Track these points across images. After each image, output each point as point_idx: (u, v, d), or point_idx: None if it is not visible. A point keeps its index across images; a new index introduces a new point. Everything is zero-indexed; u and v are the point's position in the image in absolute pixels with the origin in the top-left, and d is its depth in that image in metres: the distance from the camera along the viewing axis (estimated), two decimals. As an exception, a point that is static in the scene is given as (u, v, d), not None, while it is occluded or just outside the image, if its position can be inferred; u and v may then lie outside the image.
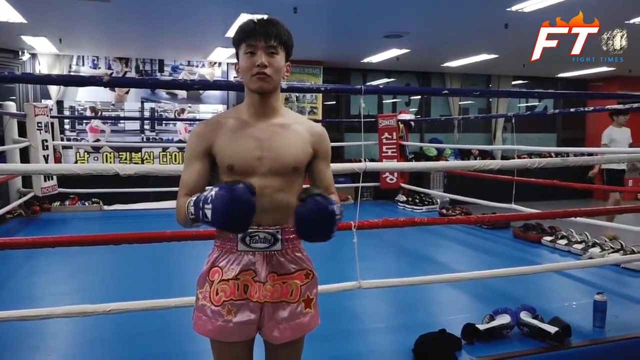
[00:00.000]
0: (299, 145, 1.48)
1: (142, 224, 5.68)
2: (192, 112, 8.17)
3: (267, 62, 1.41)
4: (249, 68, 1.42)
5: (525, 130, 9.93)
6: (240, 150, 1.44)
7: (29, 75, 6.63)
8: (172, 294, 2.45)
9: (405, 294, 3.28)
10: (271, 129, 1.47)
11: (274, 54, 1.42)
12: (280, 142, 1.46)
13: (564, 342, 2.59)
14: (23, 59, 7.23)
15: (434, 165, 5.76)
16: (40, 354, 2.54)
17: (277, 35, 1.42)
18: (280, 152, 1.45)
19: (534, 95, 9.88)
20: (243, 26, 1.44)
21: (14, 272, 3.97)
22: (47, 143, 6.01)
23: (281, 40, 1.43)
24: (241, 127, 1.47)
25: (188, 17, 5.52)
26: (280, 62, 1.44)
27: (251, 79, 1.42)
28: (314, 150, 1.52)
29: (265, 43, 1.40)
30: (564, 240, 4.79)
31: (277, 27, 1.43)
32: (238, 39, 1.45)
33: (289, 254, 1.48)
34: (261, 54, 1.40)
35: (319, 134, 1.54)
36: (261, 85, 1.42)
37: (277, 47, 1.42)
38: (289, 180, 1.47)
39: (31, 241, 2.36)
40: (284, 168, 1.45)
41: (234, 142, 1.45)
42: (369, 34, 6.41)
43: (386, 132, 7.50)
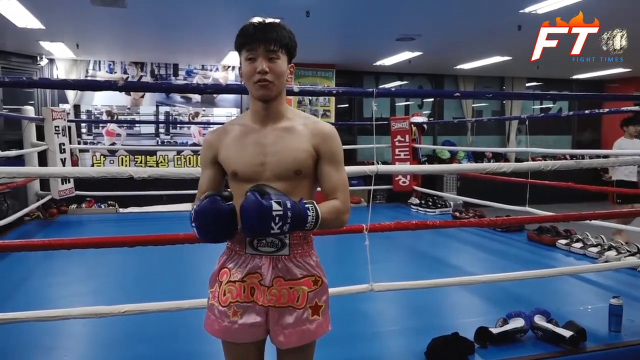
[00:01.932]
0: (299, 147, 1.45)
1: (156, 226, 5.74)
2: (206, 116, 8.25)
3: (268, 67, 1.39)
4: (250, 74, 1.41)
5: (540, 132, 9.84)
6: (244, 157, 1.45)
7: (46, 80, 6.75)
8: (185, 295, 2.47)
9: (418, 297, 3.27)
10: (275, 134, 1.46)
11: (274, 59, 1.40)
12: (282, 146, 1.44)
13: (579, 346, 2.57)
14: (41, 64, 7.36)
15: (447, 168, 5.74)
16: (56, 354, 2.58)
17: (277, 39, 1.40)
18: (282, 156, 1.44)
19: (548, 98, 9.82)
20: (242, 31, 1.42)
21: (31, 273, 4.04)
22: (64, 146, 6.11)
23: (282, 44, 1.41)
24: (246, 133, 1.48)
25: (201, 22, 5.59)
26: (281, 67, 1.42)
27: (253, 86, 1.42)
28: (316, 151, 1.47)
29: (265, 49, 1.39)
30: (579, 243, 4.74)
31: (277, 30, 1.41)
32: (239, 44, 1.44)
33: (297, 259, 1.46)
34: (262, 60, 1.39)
35: (322, 134, 1.48)
36: (263, 93, 1.41)
37: (278, 51, 1.41)
38: (294, 185, 1.45)
39: (48, 243, 2.40)
40: (286, 172, 1.44)
41: (238, 148, 1.47)
42: (382, 37, 6.41)
43: (399, 134, 7.49)
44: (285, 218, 1.27)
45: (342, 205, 1.47)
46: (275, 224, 1.27)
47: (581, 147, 9.89)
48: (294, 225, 1.30)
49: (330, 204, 1.45)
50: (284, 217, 1.27)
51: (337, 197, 1.48)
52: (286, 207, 1.27)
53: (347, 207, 1.49)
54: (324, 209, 1.39)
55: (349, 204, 1.51)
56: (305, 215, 1.32)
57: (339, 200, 1.47)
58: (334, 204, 1.45)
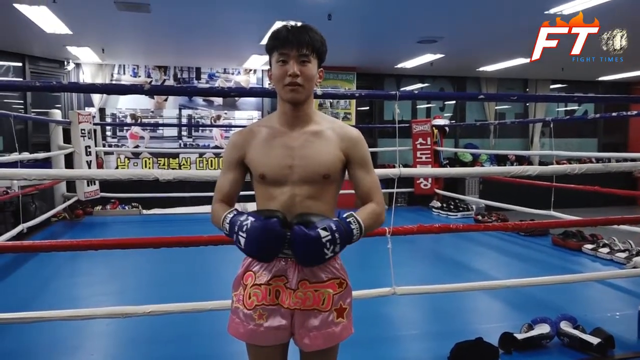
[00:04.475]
0: (329, 152, 1.45)
1: (179, 228, 5.82)
2: (228, 119, 8.31)
3: (299, 71, 1.39)
4: (281, 77, 1.40)
5: (564, 135, 9.65)
6: (272, 160, 1.44)
7: (75, 84, 6.92)
8: (208, 296, 2.49)
9: (441, 301, 3.24)
10: (303, 137, 1.46)
11: (306, 62, 1.40)
12: (311, 150, 1.44)
13: (606, 354, 2.51)
14: (68, 68, 7.52)
15: (472, 171, 5.68)
16: (83, 353, 2.63)
17: (310, 43, 1.40)
18: (311, 161, 1.43)
19: (573, 100, 9.63)
20: (275, 33, 1.42)
21: (57, 274, 4.12)
22: (90, 149, 6.24)
23: (314, 48, 1.41)
24: (274, 136, 1.47)
25: (223, 26, 5.64)
26: (312, 70, 1.42)
27: (283, 89, 1.41)
28: (345, 156, 1.48)
29: (297, 52, 1.38)
30: (606, 248, 4.64)
31: (310, 34, 1.41)
32: (271, 46, 1.43)
33: None
34: (293, 64, 1.39)
35: (351, 139, 1.49)
36: (293, 96, 1.41)
37: (310, 55, 1.40)
38: (321, 188, 1.46)
39: (77, 244, 2.44)
40: (314, 176, 1.43)
41: (266, 151, 1.46)
42: (403, 40, 6.38)
43: (420, 137, 7.44)
44: (334, 241, 1.32)
45: (379, 207, 1.49)
46: (328, 249, 1.32)
47: (607, 151, 9.66)
48: (342, 244, 1.35)
49: (368, 209, 1.47)
50: (333, 241, 1.32)
51: (373, 200, 1.50)
52: (332, 230, 1.32)
53: (383, 208, 1.51)
54: (364, 216, 1.42)
55: (384, 203, 1.53)
56: (350, 230, 1.36)
57: (374, 202, 1.50)
58: (372, 208, 1.47)
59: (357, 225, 1.37)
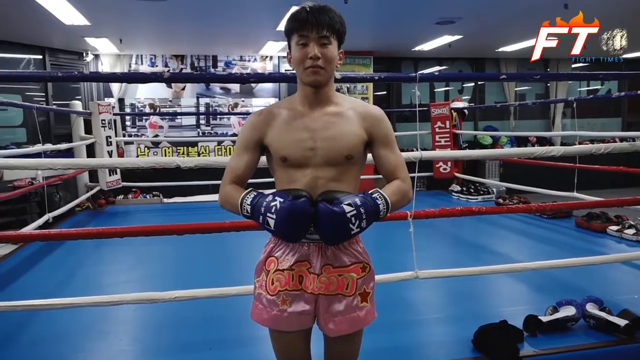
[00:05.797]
0: (351, 132, 1.43)
1: (200, 215, 5.87)
2: (245, 106, 8.33)
3: (320, 53, 1.36)
4: (301, 60, 1.38)
5: (587, 115, 9.45)
6: (294, 142, 1.42)
7: (96, 74, 7.00)
8: (231, 282, 2.52)
9: (464, 285, 3.23)
10: (324, 119, 1.44)
11: (326, 44, 1.37)
12: (333, 131, 1.42)
13: (634, 335, 2.48)
14: (87, 59, 7.59)
15: (494, 153, 5.59)
16: (111, 338, 2.69)
17: (330, 25, 1.37)
18: (333, 142, 1.41)
19: (598, 78, 9.37)
20: (295, 15, 1.40)
21: (83, 261, 4.21)
22: (110, 139, 6.32)
23: (334, 29, 1.38)
24: (294, 118, 1.45)
25: (239, 13, 5.61)
26: (333, 52, 1.39)
27: (304, 72, 1.39)
28: (368, 135, 1.46)
29: (317, 34, 1.36)
30: (632, 229, 4.55)
31: (330, 15, 1.39)
32: (290, 28, 1.41)
33: (345, 246, 1.46)
34: (314, 46, 1.36)
35: (373, 117, 1.47)
36: (315, 79, 1.39)
37: (330, 36, 1.38)
38: (344, 170, 1.44)
39: (102, 231, 2.49)
40: (337, 157, 1.42)
41: (288, 133, 1.44)
42: (420, 21, 6.28)
43: (439, 120, 7.36)
44: (360, 216, 1.30)
45: (405, 184, 1.47)
46: (353, 224, 1.30)
47: (632, 130, 9.43)
48: (369, 219, 1.32)
49: (394, 186, 1.45)
50: (359, 216, 1.30)
51: (398, 177, 1.48)
52: (357, 205, 1.30)
53: (409, 184, 1.49)
54: (390, 192, 1.40)
55: (410, 180, 1.50)
56: (376, 205, 1.34)
57: (400, 179, 1.48)
58: (398, 185, 1.45)
59: (383, 201, 1.36)
